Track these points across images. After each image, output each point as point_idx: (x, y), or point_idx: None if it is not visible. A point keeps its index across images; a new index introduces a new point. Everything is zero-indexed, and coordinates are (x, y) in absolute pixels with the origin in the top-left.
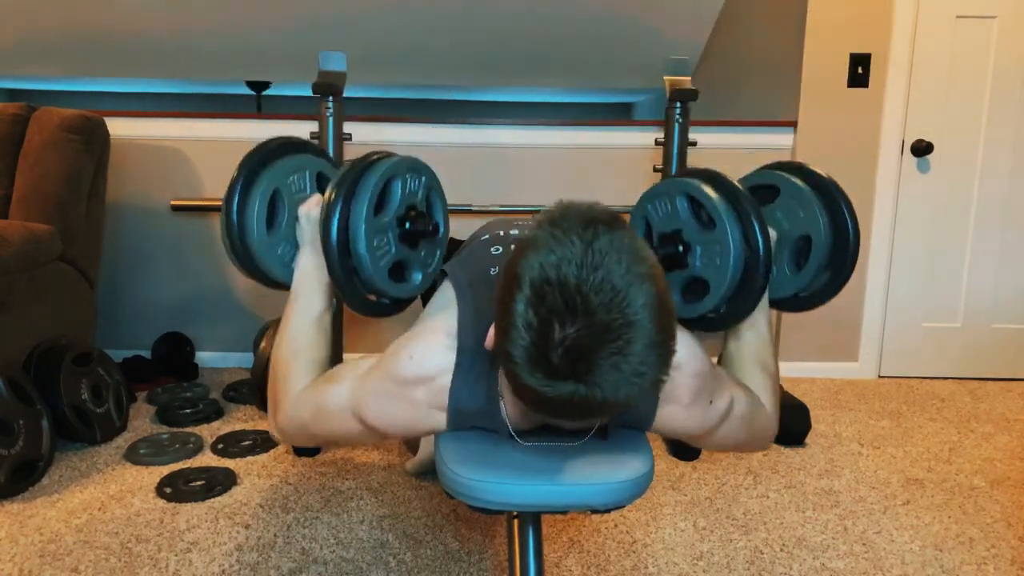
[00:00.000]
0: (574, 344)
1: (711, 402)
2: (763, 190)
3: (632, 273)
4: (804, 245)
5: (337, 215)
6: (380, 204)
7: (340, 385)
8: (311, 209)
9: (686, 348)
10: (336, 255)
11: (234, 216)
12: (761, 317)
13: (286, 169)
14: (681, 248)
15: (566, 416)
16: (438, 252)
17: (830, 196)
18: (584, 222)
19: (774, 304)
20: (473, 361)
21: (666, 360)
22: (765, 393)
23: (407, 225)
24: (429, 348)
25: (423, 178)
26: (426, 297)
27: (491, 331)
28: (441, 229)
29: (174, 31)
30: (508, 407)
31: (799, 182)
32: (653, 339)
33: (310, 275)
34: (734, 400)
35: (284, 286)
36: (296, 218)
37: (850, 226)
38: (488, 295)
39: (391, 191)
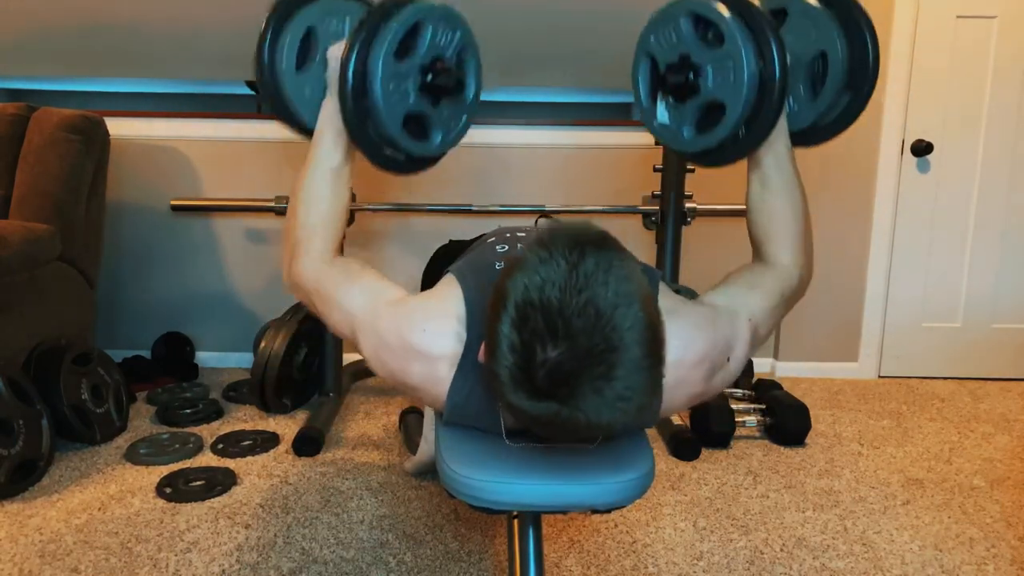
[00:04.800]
0: (556, 367)
1: (728, 359)
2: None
3: (618, 296)
4: (820, 66)
5: (357, 47)
6: (405, 48)
7: (355, 297)
8: (341, 50)
9: (679, 338)
10: (350, 90)
11: (266, 47)
12: (784, 151)
13: (324, 10)
14: (692, 74)
15: (553, 435)
16: (464, 118)
17: (843, 7)
18: (571, 243)
19: (796, 138)
20: (476, 362)
21: (654, 384)
22: (795, 243)
23: (429, 77)
24: (442, 328)
25: (457, 34)
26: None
27: (483, 346)
28: (470, 91)
29: (174, 31)
30: (505, 411)
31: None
32: (638, 363)
33: (333, 121)
34: (754, 319)
35: (310, 132)
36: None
37: (868, 37)
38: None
39: (419, 36)
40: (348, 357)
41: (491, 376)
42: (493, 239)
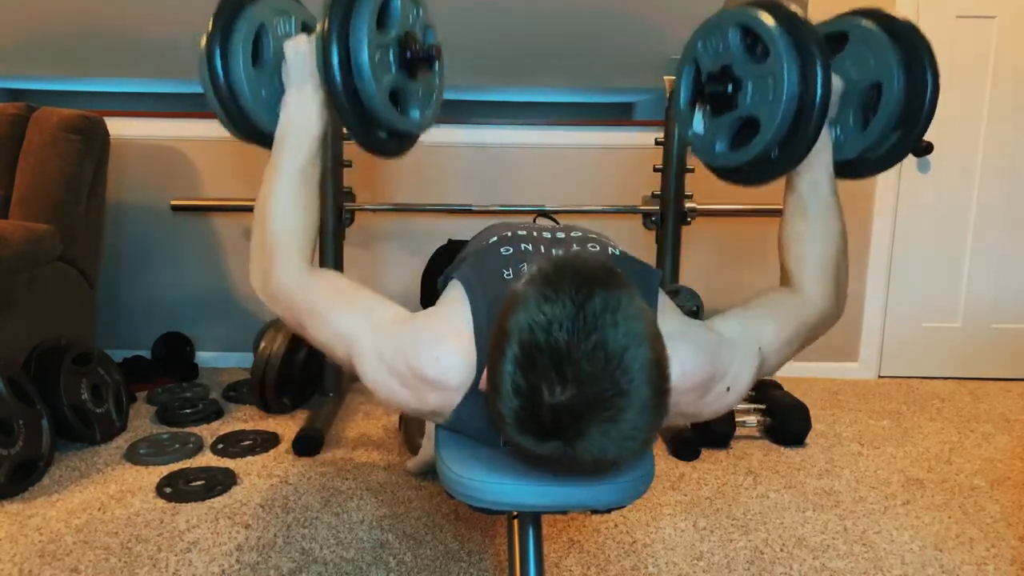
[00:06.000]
0: (564, 411)
1: (728, 389)
2: (831, 40)
3: (627, 336)
4: (873, 96)
5: (339, 20)
6: (382, 20)
7: (350, 315)
8: (300, 43)
9: (679, 364)
10: (337, 66)
11: (217, 48)
12: (824, 178)
13: (271, 9)
14: (730, 87)
15: (558, 471)
16: (433, 95)
17: (907, 40)
18: (578, 282)
19: (839, 169)
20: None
21: (659, 419)
22: (824, 275)
23: (407, 53)
24: (457, 358)
25: (419, 10)
26: (427, 304)
27: (485, 375)
28: (436, 67)
29: (174, 31)
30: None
31: (872, 25)
32: (646, 404)
33: (296, 119)
34: (763, 350)
35: (269, 139)
36: (283, 56)
37: (930, 77)
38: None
39: (390, 10)
40: None
41: (494, 413)
42: (495, 239)
